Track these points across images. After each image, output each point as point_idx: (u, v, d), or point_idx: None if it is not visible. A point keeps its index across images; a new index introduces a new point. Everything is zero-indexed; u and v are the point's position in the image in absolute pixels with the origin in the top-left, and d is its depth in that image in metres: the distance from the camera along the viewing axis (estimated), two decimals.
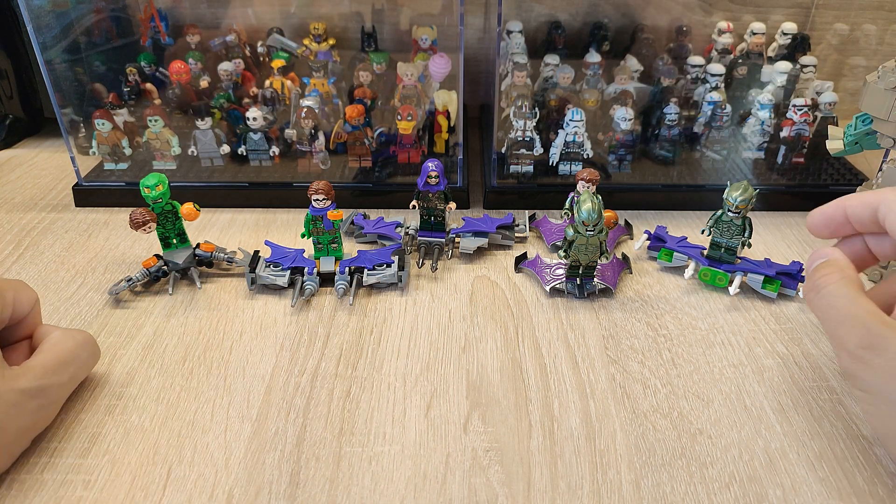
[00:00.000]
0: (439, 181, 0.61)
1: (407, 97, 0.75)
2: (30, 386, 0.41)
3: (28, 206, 0.74)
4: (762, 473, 0.42)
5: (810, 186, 0.73)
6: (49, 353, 0.44)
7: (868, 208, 0.44)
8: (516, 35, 0.82)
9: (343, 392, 0.48)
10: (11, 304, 0.45)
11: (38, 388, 0.42)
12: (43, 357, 0.44)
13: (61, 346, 0.45)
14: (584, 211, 0.53)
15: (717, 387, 0.49)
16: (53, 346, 0.45)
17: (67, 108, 0.74)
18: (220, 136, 0.75)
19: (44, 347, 0.45)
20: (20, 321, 0.46)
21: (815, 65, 0.77)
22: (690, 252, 0.61)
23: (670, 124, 0.74)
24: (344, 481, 0.42)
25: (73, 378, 0.46)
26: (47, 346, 0.45)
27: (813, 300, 0.43)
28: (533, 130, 0.72)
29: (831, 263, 0.44)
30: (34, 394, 0.42)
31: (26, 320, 0.47)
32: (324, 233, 0.59)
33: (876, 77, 0.60)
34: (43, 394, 0.42)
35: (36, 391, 0.42)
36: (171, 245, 0.61)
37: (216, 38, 0.83)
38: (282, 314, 0.56)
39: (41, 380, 0.42)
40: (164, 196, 0.58)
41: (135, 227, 0.57)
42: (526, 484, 0.41)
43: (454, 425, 0.46)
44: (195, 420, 0.46)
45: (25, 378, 0.42)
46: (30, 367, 0.43)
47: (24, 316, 0.46)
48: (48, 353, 0.44)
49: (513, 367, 0.51)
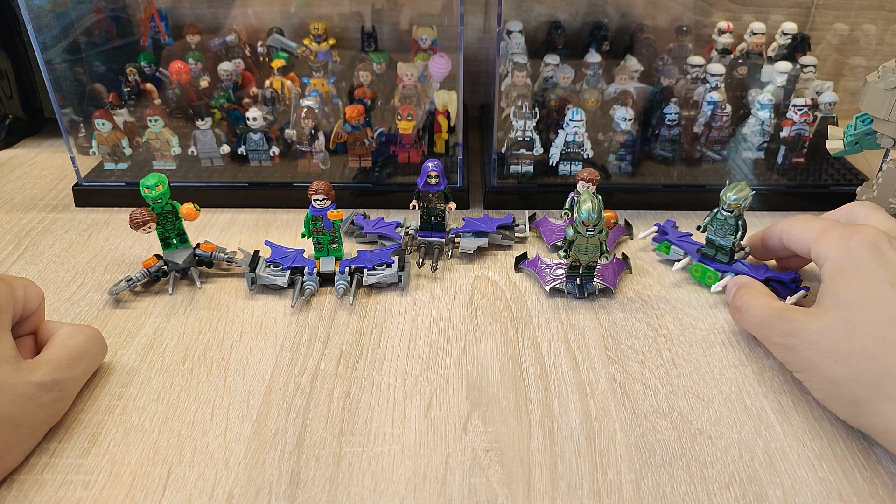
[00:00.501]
0: (439, 181, 0.61)
1: (407, 97, 0.75)
2: (45, 379, 0.42)
3: (28, 206, 0.74)
4: (762, 473, 0.42)
5: (811, 186, 0.73)
6: (61, 346, 0.45)
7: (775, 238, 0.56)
8: (516, 35, 0.82)
9: (343, 392, 0.48)
10: (22, 300, 0.46)
11: (53, 381, 0.43)
12: (56, 351, 0.45)
13: (73, 341, 0.46)
14: (584, 211, 0.53)
15: (717, 387, 0.49)
16: (65, 341, 0.46)
17: (67, 108, 0.74)
18: (220, 136, 0.75)
19: (55, 342, 0.46)
20: (27, 317, 0.47)
21: (815, 65, 0.76)
22: (687, 247, 0.61)
23: (670, 124, 0.74)
24: (344, 481, 0.42)
25: (85, 372, 0.47)
26: (58, 340, 0.46)
27: (739, 317, 0.53)
28: (533, 130, 0.72)
29: (745, 286, 0.53)
30: (49, 387, 0.42)
31: (32, 317, 0.48)
32: (324, 233, 0.59)
33: (876, 77, 0.60)
34: (57, 387, 0.43)
35: (51, 384, 0.42)
36: (172, 245, 0.61)
37: (216, 38, 0.83)
38: (282, 314, 0.56)
39: (56, 373, 0.43)
40: (163, 196, 0.58)
41: (135, 227, 0.57)
42: (526, 484, 0.41)
43: (454, 425, 0.46)
44: (195, 420, 0.46)
45: (41, 371, 0.42)
46: (44, 361, 0.43)
47: (32, 312, 0.47)
48: (61, 347, 0.45)
49: (513, 367, 0.51)
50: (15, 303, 0.45)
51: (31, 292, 0.47)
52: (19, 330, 0.47)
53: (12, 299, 0.45)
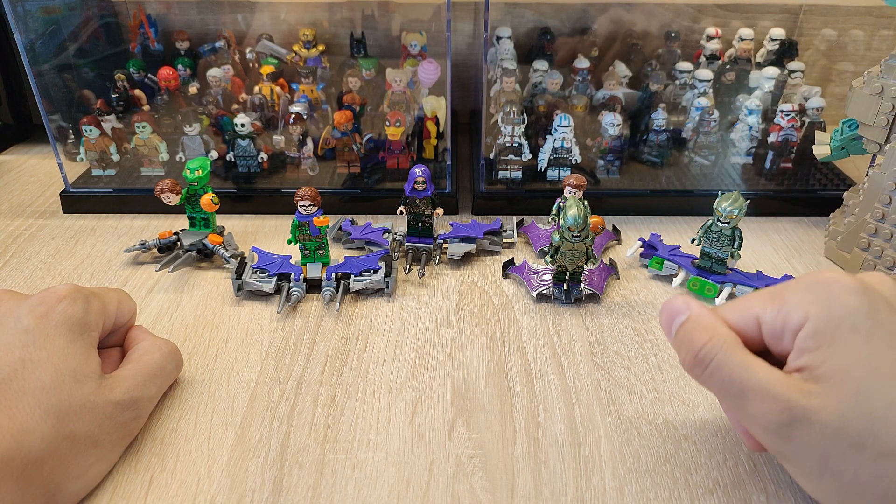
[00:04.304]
0: (426, 187, 0.61)
1: (396, 103, 0.75)
2: (123, 398, 0.42)
3: (15, 213, 0.74)
4: (746, 479, 0.42)
5: (798, 191, 0.74)
6: (138, 363, 0.45)
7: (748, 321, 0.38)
8: (505, 41, 0.82)
9: (328, 399, 0.48)
10: (114, 315, 0.46)
11: (131, 400, 0.42)
12: (133, 368, 0.44)
13: (149, 358, 0.45)
14: (570, 216, 0.53)
15: (702, 392, 0.49)
16: (142, 357, 0.45)
17: (55, 115, 0.73)
18: (209, 142, 0.75)
19: (132, 357, 0.45)
20: (118, 329, 0.47)
21: (802, 70, 0.77)
22: (681, 261, 0.61)
23: (658, 130, 0.74)
24: (327, 489, 0.41)
25: (160, 390, 0.46)
26: (136, 355, 0.45)
27: (702, 377, 0.38)
28: (521, 136, 0.72)
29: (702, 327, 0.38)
30: (126, 405, 0.42)
31: (123, 328, 0.48)
32: (310, 239, 0.59)
33: (862, 82, 0.60)
34: (134, 406, 0.43)
35: (128, 403, 0.42)
36: (196, 226, 0.65)
37: (205, 44, 0.83)
38: (268, 321, 0.56)
39: (132, 392, 0.43)
40: (200, 180, 0.62)
41: (156, 191, 0.61)
42: (509, 490, 0.41)
43: (438, 432, 0.45)
44: (178, 428, 0.46)
45: (120, 389, 0.42)
46: (122, 378, 0.43)
47: (123, 324, 0.47)
48: (138, 364, 0.45)
49: (498, 373, 0.51)
50: (106, 318, 0.45)
51: (125, 306, 0.47)
52: (109, 340, 0.47)
53: (103, 316, 0.44)
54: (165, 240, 0.64)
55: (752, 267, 0.63)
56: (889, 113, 0.58)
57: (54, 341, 0.40)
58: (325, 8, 0.86)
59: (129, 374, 0.43)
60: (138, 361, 0.45)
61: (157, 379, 0.45)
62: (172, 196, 0.61)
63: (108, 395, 0.41)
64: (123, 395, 0.42)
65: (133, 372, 0.44)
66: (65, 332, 0.41)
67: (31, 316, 0.41)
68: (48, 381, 0.38)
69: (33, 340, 0.40)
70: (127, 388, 0.42)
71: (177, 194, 0.61)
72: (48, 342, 0.40)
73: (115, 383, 0.42)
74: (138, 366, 0.44)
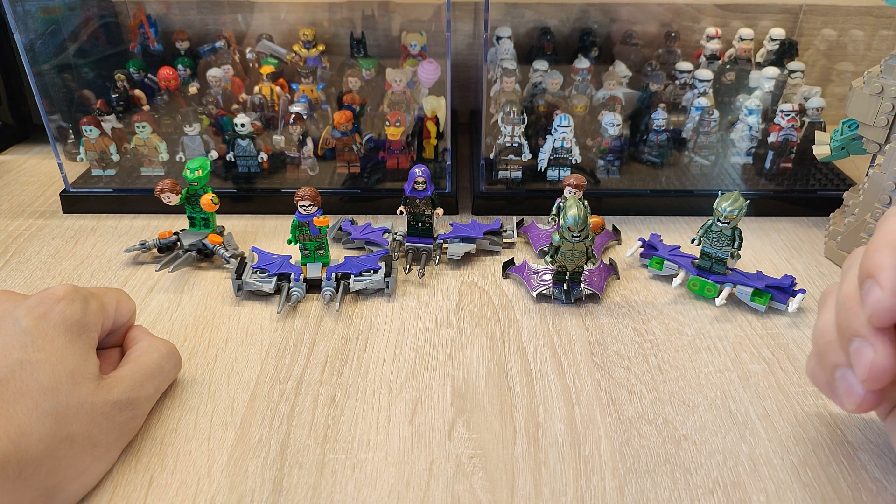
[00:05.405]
0: (426, 187, 0.61)
1: (396, 103, 0.75)
2: (120, 398, 0.42)
3: (15, 213, 0.74)
4: (746, 479, 0.42)
5: (798, 191, 0.73)
6: (136, 363, 0.45)
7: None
8: (506, 41, 0.82)
9: (328, 399, 0.48)
10: (113, 315, 0.46)
11: (128, 400, 0.42)
12: (131, 368, 0.44)
13: (147, 358, 0.45)
14: (570, 216, 0.53)
15: (702, 392, 0.49)
16: (140, 357, 0.45)
17: (55, 115, 0.73)
18: (209, 142, 0.75)
19: (130, 357, 0.45)
20: (117, 329, 0.47)
21: (802, 70, 0.77)
22: (681, 261, 0.61)
23: (658, 130, 0.74)
24: (327, 489, 0.41)
25: (158, 390, 0.46)
26: (134, 355, 0.45)
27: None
28: (521, 136, 0.72)
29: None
30: (124, 406, 0.42)
31: (122, 328, 0.48)
32: (310, 239, 0.59)
33: (861, 82, 0.60)
34: (131, 406, 0.43)
35: (125, 403, 0.42)
36: (196, 226, 0.65)
37: (205, 44, 0.83)
38: (268, 321, 0.56)
39: (130, 392, 0.43)
40: (200, 180, 0.62)
41: (156, 191, 0.61)
42: (509, 491, 0.41)
43: (438, 432, 0.45)
44: (178, 428, 0.46)
45: (117, 390, 0.42)
46: (120, 378, 0.43)
47: (122, 324, 0.47)
48: (135, 364, 0.44)
49: (498, 373, 0.51)
50: (105, 319, 0.45)
51: (124, 306, 0.47)
52: (109, 341, 0.47)
53: (102, 316, 0.44)
54: (165, 240, 0.64)
55: (752, 267, 0.63)
56: (889, 113, 0.58)
57: (52, 342, 0.40)
58: (325, 8, 0.86)
59: (127, 375, 0.43)
60: (136, 362, 0.45)
61: (155, 379, 0.45)
62: (172, 196, 0.61)
63: (105, 396, 0.41)
64: (121, 396, 0.42)
65: (130, 372, 0.44)
66: (63, 332, 0.41)
67: (29, 317, 0.41)
68: (46, 383, 0.38)
69: (31, 341, 0.40)
70: (124, 388, 0.42)
71: (177, 194, 0.61)
72: (46, 343, 0.40)
73: (112, 384, 0.42)
74: (136, 366, 0.44)
